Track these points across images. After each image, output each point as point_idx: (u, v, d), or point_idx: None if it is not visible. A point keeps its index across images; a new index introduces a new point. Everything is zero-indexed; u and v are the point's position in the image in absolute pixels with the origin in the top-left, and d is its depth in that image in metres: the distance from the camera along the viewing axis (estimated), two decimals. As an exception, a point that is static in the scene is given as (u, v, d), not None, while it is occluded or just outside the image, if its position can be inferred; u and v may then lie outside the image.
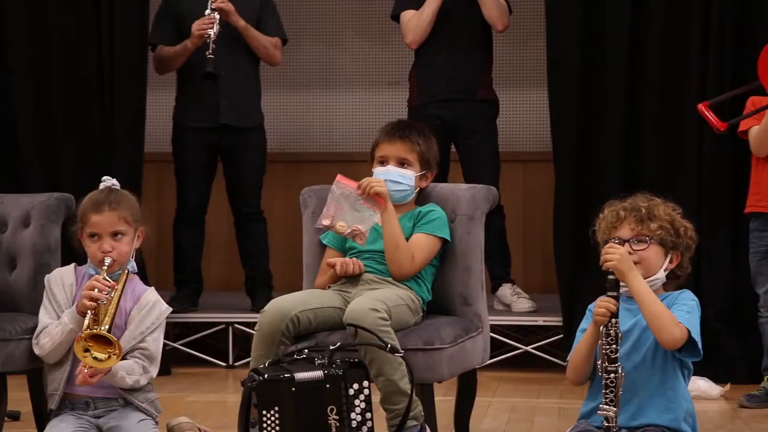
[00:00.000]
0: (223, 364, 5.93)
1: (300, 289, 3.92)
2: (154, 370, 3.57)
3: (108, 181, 3.73)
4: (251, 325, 5.91)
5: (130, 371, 3.51)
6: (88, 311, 3.45)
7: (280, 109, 6.84)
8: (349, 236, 3.75)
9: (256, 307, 5.94)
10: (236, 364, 5.92)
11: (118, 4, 5.74)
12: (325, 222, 3.76)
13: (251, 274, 6.07)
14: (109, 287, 3.48)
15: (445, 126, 5.72)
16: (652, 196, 3.34)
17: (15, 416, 4.46)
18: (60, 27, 5.85)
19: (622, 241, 3.25)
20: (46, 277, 3.70)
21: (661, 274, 3.27)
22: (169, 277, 6.12)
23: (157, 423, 3.60)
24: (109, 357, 3.37)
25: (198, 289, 6.09)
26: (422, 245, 3.78)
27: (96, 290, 3.46)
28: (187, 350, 5.94)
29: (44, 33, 5.87)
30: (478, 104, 5.79)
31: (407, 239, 3.78)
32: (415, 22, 5.71)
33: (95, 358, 3.38)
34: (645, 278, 3.21)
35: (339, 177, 3.80)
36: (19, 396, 4.03)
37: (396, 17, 5.85)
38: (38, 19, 5.86)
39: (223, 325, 5.98)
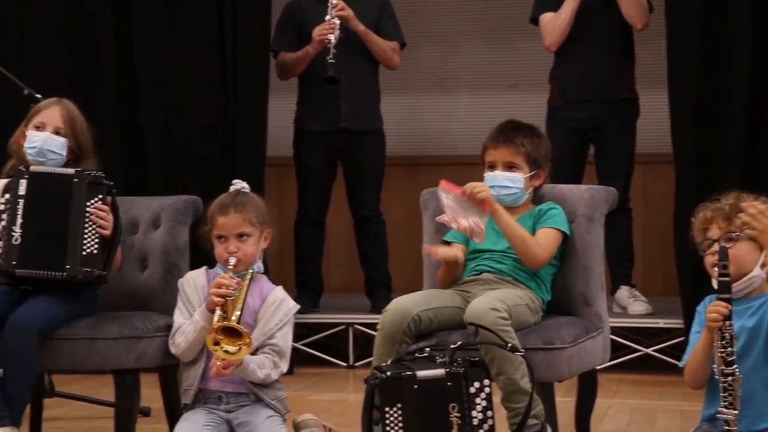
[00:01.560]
0: (344, 364, 6.02)
1: (419, 289, 3.97)
2: (284, 366, 3.66)
3: (238, 184, 3.83)
4: (371, 325, 5.99)
5: (261, 365, 3.60)
6: (217, 307, 3.56)
7: (399, 113, 6.90)
8: (467, 232, 3.76)
9: (376, 308, 6.02)
10: (356, 364, 6.00)
11: (241, 12, 5.87)
12: (445, 218, 3.79)
13: (371, 275, 6.15)
14: (235, 284, 3.58)
15: (583, 127, 5.71)
16: (742, 193, 3.29)
17: (146, 412, 4.60)
18: (185, 34, 6.01)
19: (712, 242, 3.21)
20: (179, 280, 3.82)
21: (758, 271, 3.22)
22: (290, 279, 6.22)
23: (284, 420, 3.69)
24: (240, 349, 3.47)
25: (319, 290, 6.19)
26: (547, 237, 3.80)
27: (223, 287, 3.57)
28: (309, 350, 6.04)
29: (169, 40, 6.03)
30: (617, 104, 5.75)
31: None
32: (553, 24, 5.70)
33: (226, 351, 3.48)
34: (739, 277, 3.16)
35: (442, 183, 3.81)
36: (148, 393, 4.15)
37: (535, 20, 5.85)
38: (163, 27, 6.03)
39: (344, 326, 6.06)
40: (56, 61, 6.03)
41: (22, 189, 3.82)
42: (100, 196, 3.85)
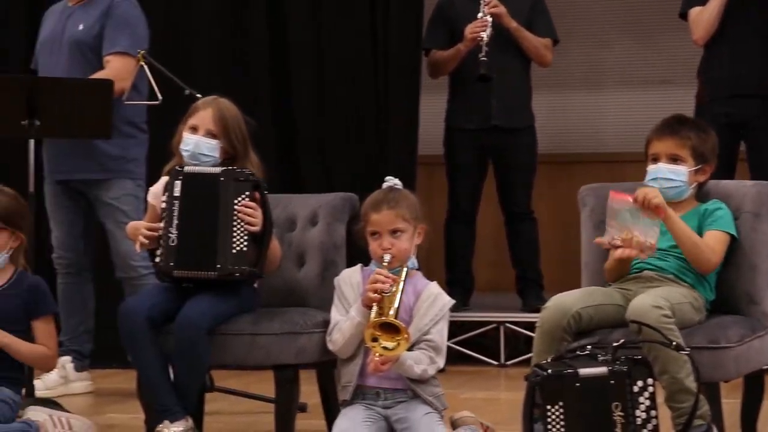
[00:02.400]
0: (495, 362, 5.99)
1: (570, 288, 3.91)
2: (440, 361, 3.66)
3: (390, 181, 3.84)
4: (522, 324, 5.96)
5: (418, 361, 3.61)
6: (373, 304, 3.58)
7: (545, 110, 6.85)
8: (633, 252, 3.68)
9: (527, 307, 5.99)
10: (508, 363, 5.97)
11: (394, 11, 5.92)
12: (603, 240, 3.72)
13: (522, 273, 6.11)
14: (390, 280, 3.59)
15: (733, 123, 5.58)
16: None
17: (302, 408, 4.64)
18: (337, 33, 6.08)
19: None
20: (336, 278, 3.85)
21: None
22: (440, 277, 6.19)
23: (442, 417, 3.69)
24: (398, 344, 3.48)
25: (469, 288, 6.18)
26: (717, 241, 3.72)
27: (378, 283, 3.58)
28: (459, 349, 6.03)
29: (322, 38, 6.11)
30: (767, 100, 5.62)
31: None
32: (701, 18, 5.60)
33: (384, 347, 3.49)
34: None
35: (612, 193, 3.73)
36: (304, 389, 4.18)
37: (684, 15, 5.74)
38: (316, 26, 6.10)
39: (494, 325, 6.04)
40: (214, 61, 6.16)
41: (177, 190, 3.90)
42: (248, 193, 3.88)
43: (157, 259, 3.91)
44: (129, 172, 5.22)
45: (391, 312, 3.52)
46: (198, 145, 3.97)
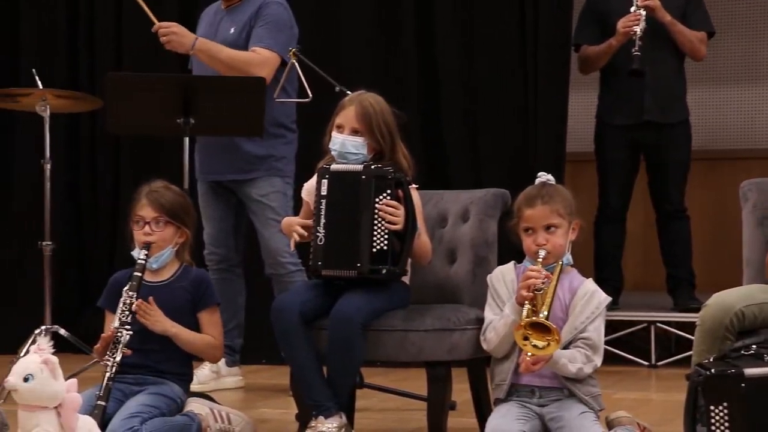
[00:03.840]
0: (645, 363, 5.88)
1: (725, 287, 3.78)
2: (597, 359, 3.59)
3: (543, 176, 3.78)
4: (674, 324, 5.84)
5: (573, 359, 3.55)
6: (526, 301, 3.52)
7: (703, 105, 6.69)
8: None
9: (679, 307, 5.86)
10: (659, 363, 5.85)
11: (543, 5, 5.86)
12: None
13: (673, 272, 5.98)
14: (544, 276, 3.53)
15: None
16: None
17: (452, 406, 4.62)
18: (485, 27, 6.06)
19: None
20: (489, 276, 3.80)
21: None
22: (588, 275, 6.12)
23: (597, 417, 3.62)
24: (548, 344, 3.42)
25: (618, 287, 6.07)
26: None
27: (532, 279, 3.53)
28: (609, 348, 5.91)
29: (470, 33, 6.10)
30: None
31: None
32: None
33: (535, 346, 3.44)
34: None
35: None
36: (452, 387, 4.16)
37: None
38: (465, 20, 6.10)
39: (645, 324, 5.92)
40: (363, 58, 6.18)
41: (324, 189, 3.90)
42: (389, 191, 3.85)
43: (309, 259, 3.92)
44: (278, 170, 5.27)
45: (544, 311, 3.46)
46: (344, 144, 3.96)
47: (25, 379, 3.33)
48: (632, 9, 5.65)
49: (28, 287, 6.40)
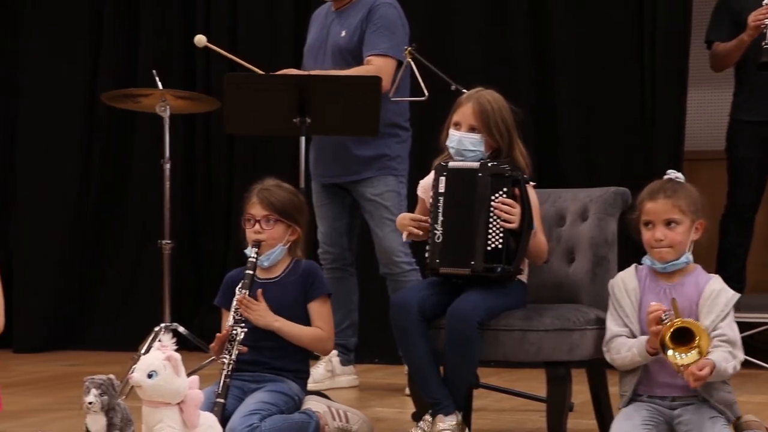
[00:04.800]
0: (767, 365, 5.74)
1: None
2: (740, 354, 3.50)
3: (672, 174, 3.70)
4: (798, 326, 5.70)
5: (724, 360, 3.45)
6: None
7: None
8: None
9: (804, 309, 5.71)
10: (782, 366, 5.72)
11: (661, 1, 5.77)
12: None
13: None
14: (665, 311, 3.42)
15: None
16: None
17: (569, 407, 4.56)
18: (600, 23, 6.00)
19: None
20: (610, 282, 3.73)
21: None
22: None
23: (729, 423, 3.53)
24: (696, 348, 3.35)
25: (740, 289, 5.91)
26: None
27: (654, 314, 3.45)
28: (730, 350, 5.80)
29: (584, 29, 6.04)
30: None
31: None
32: None
33: (681, 357, 3.37)
34: None
35: None
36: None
37: None
38: (579, 16, 6.02)
39: (766, 326, 5.78)
40: (477, 56, 6.16)
41: (442, 186, 3.87)
42: (506, 189, 3.81)
43: (426, 255, 3.91)
44: (392, 169, 5.26)
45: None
46: (461, 141, 3.94)
47: (149, 376, 3.38)
48: (764, 2, 5.49)
49: (147, 285, 6.51)
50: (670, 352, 3.38)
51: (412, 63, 4.94)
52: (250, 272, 3.95)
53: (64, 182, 6.83)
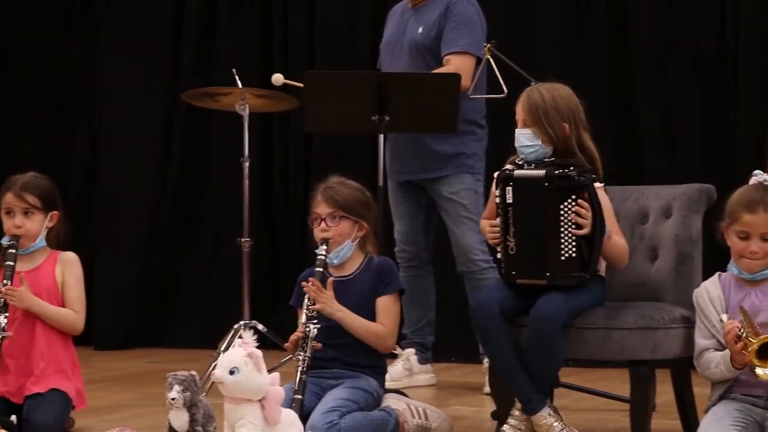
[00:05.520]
0: None
1: None
2: None
3: (759, 176, 3.59)
4: None
5: None
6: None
7: None
8: None
9: None
10: None
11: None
12: None
13: None
14: (739, 324, 3.38)
15: None
16: None
17: (653, 407, 4.50)
18: (683, 18, 5.92)
19: None
20: (694, 293, 3.67)
21: None
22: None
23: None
24: None
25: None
26: None
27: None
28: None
29: (666, 25, 5.95)
30: None
31: None
32: None
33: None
34: None
35: None
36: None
37: None
38: (661, 11, 5.96)
39: None
40: (555, 52, 6.11)
41: (509, 196, 3.82)
42: (574, 196, 3.74)
43: (501, 265, 3.87)
44: (469, 167, 5.23)
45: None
46: (517, 138, 3.89)
47: (231, 372, 3.40)
48: None
49: (224, 284, 6.54)
50: (759, 371, 3.34)
51: (491, 60, 4.91)
52: (320, 270, 3.95)
53: (143, 182, 6.89)
